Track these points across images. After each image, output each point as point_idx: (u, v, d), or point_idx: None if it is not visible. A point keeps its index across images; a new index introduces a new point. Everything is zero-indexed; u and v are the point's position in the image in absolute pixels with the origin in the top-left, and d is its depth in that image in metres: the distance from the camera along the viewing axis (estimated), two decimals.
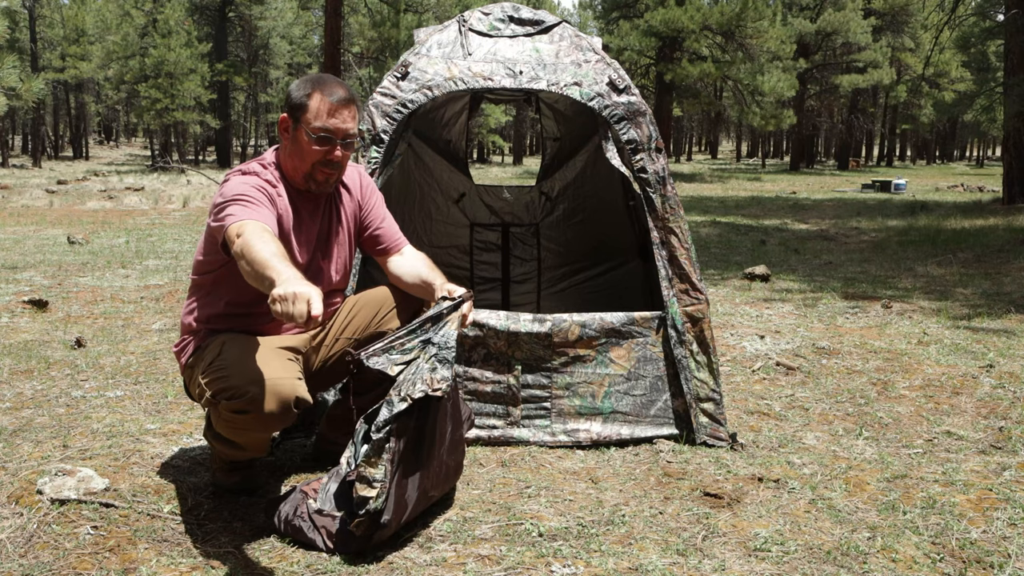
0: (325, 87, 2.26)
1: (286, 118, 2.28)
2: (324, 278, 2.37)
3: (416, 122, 3.10)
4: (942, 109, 25.30)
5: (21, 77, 9.25)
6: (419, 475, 2.12)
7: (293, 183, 2.32)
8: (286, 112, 2.28)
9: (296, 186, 2.32)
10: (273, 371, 2.07)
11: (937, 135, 55.75)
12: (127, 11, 35.05)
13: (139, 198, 16.77)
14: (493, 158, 50.24)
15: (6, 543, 2.08)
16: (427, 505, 2.25)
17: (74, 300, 5.55)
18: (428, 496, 2.22)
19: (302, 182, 2.30)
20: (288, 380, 2.07)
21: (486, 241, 4.61)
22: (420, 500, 2.16)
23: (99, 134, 61.08)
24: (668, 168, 2.99)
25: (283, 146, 2.32)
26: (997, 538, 2.24)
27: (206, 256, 2.25)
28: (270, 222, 2.08)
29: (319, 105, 2.23)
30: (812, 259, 8.61)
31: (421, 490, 2.15)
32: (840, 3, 34.66)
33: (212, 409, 2.16)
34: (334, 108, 2.24)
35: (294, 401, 2.06)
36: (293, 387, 2.07)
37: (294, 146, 2.27)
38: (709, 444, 2.90)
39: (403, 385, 2.07)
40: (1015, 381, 3.86)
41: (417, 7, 25.62)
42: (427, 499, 2.22)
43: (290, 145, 2.28)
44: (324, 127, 2.23)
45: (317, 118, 2.23)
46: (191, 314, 2.31)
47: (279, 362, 2.13)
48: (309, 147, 2.24)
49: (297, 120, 2.25)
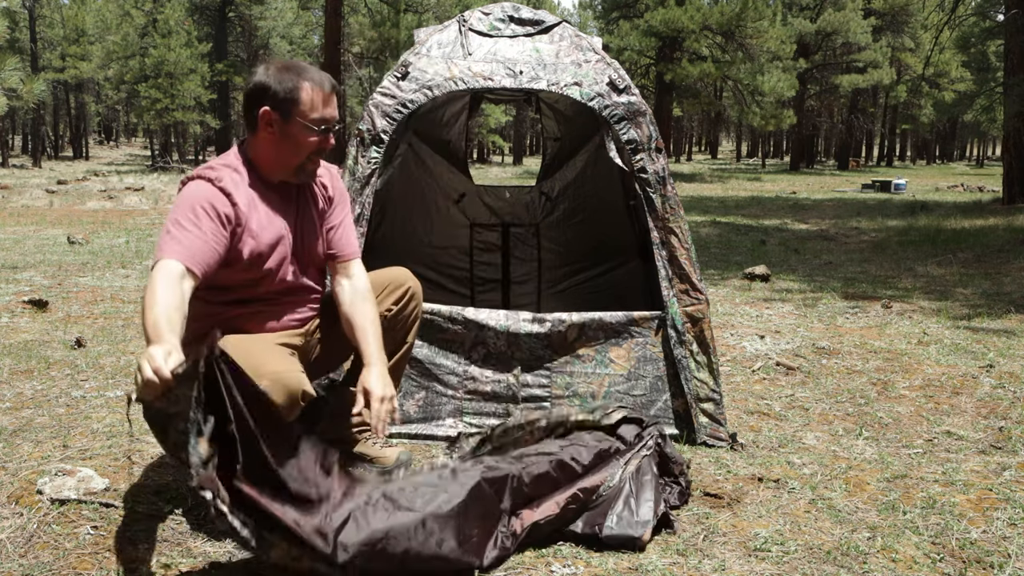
0: (309, 76, 2.20)
1: (270, 112, 2.17)
2: (303, 268, 2.33)
3: (416, 122, 3.10)
4: (942, 109, 25.33)
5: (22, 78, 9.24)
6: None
7: (267, 176, 2.25)
8: (268, 106, 2.17)
9: (270, 178, 2.25)
10: (277, 365, 2.06)
11: (937, 135, 55.76)
12: (127, 11, 35.05)
13: (139, 198, 16.76)
14: (493, 158, 50.23)
15: (6, 543, 2.08)
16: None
17: (74, 300, 5.55)
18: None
19: (290, 175, 2.25)
20: (293, 374, 2.07)
21: (486, 241, 4.61)
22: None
23: (99, 134, 61.07)
24: (668, 168, 2.99)
25: (261, 140, 2.22)
26: (997, 538, 2.24)
27: None
28: (197, 250, 2.01)
29: (313, 96, 2.18)
30: (812, 259, 8.61)
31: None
32: (840, 3, 34.66)
33: None
34: (327, 96, 2.21)
35: (301, 394, 2.06)
36: (299, 380, 2.06)
37: (284, 140, 2.20)
38: (709, 444, 2.90)
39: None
40: (1015, 381, 3.86)
41: (417, 7, 25.62)
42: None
43: (277, 139, 2.20)
44: (323, 117, 2.20)
45: (314, 109, 2.19)
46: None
47: (280, 356, 2.13)
48: (306, 139, 2.20)
49: (288, 113, 2.17)
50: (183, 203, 2.10)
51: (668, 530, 2.21)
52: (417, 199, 4.32)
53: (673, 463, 2.37)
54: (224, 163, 2.24)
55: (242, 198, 2.18)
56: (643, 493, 2.19)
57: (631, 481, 2.20)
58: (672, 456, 2.38)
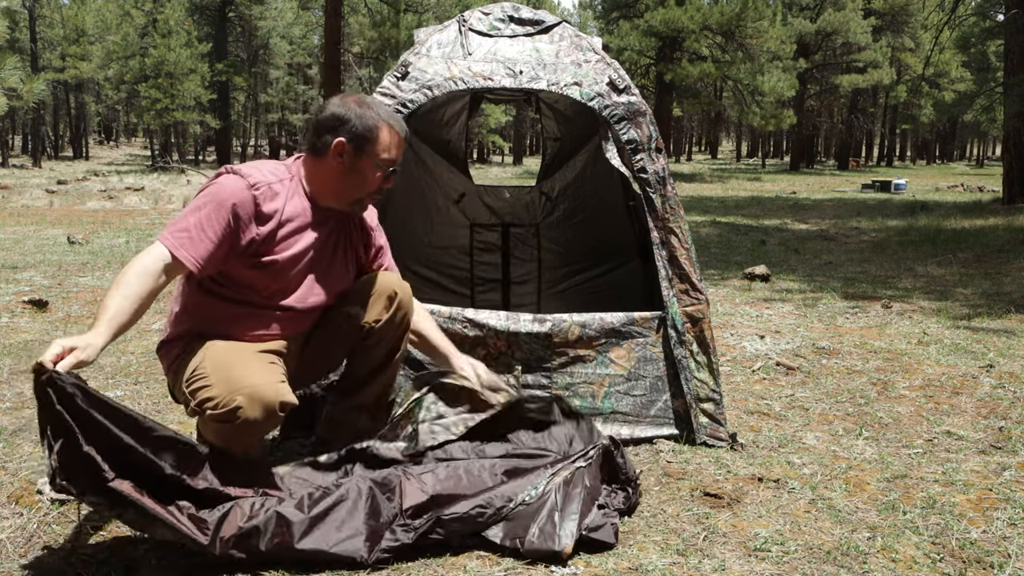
0: (391, 118, 2.27)
1: (344, 144, 2.22)
2: (322, 292, 2.35)
3: (416, 122, 3.09)
4: (942, 109, 25.34)
5: (22, 78, 9.24)
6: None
7: (315, 198, 2.30)
8: (344, 138, 2.22)
9: (318, 201, 2.30)
10: (256, 377, 2.06)
11: (937, 135, 55.79)
12: (127, 11, 35.05)
13: (139, 198, 16.77)
14: (493, 158, 50.23)
15: (6, 543, 2.08)
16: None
17: (74, 300, 5.55)
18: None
19: (344, 204, 2.31)
20: (271, 385, 2.06)
21: (486, 241, 4.61)
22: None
23: (99, 134, 61.08)
24: (668, 168, 2.99)
25: (326, 167, 2.27)
26: (997, 538, 2.24)
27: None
28: (199, 243, 2.09)
29: (390, 138, 2.25)
30: (812, 259, 8.61)
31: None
32: (840, 3, 34.68)
33: (199, 417, 2.15)
34: (400, 140, 2.29)
35: (279, 406, 2.06)
36: (277, 392, 2.06)
37: (351, 173, 2.25)
38: (709, 444, 2.90)
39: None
40: (1015, 381, 3.86)
41: (417, 7, 25.62)
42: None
43: (344, 170, 2.25)
44: (392, 159, 2.28)
45: (387, 151, 2.26)
46: (173, 317, 2.30)
47: (261, 367, 2.12)
48: (372, 176, 2.26)
49: (362, 149, 2.23)
50: (207, 193, 2.17)
51: (603, 541, 2.11)
52: (417, 199, 4.32)
53: (622, 472, 2.33)
54: (271, 170, 2.27)
55: (274, 205, 2.21)
56: (569, 505, 2.12)
57: (557, 493, 2.14)
58: (622, 466, 2.34)
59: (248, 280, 2.21)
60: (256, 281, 2.22)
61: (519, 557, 2.06)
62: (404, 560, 2.03)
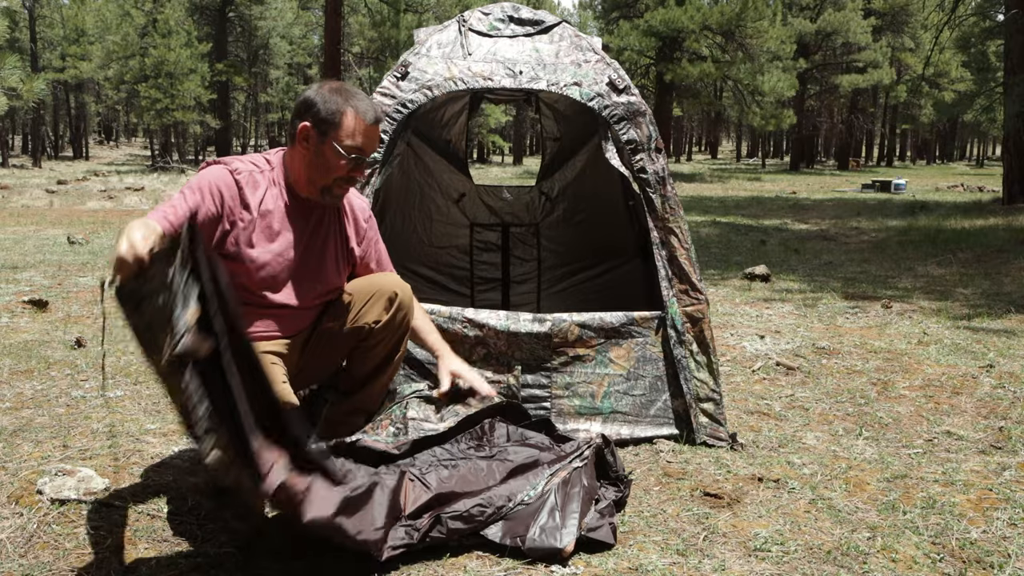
0: (358, 103, 2.23)
1: (309, 128, 2.21)
2: (313, 287, 2.35)
3: (416, 122, 3.10)
4: (942, 109, 25.31)
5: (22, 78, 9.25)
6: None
7: (295, 188, 2.30)
8: (309, 122, 2.21)
9: (298, 191, 2.30)
10: None
11: (937, 135, 55.80)
12: (127, 11, 35.03)
13: (139, 198, 16.77)
14: (493, 158, 50.24)
15: (6, 543, 2.08)
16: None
17: (74, 300, 5.55)
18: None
19: (315, 193, 2.28)
20: (274, 385, 2.06)
21: (486, 241, 4.61)
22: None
23: (99, 134, 61.09)
24: (668, 168, 2.99)
25: (297, 154, 2.26)
26: (997, 538, 2.24)
27: None
28: (172, 220, 2.04)
29: (354, 124, 2.21)
30: (812, 259, 8.61)
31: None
32: (840, 3, 34.71)
33: None
34: (369, 129, 2.24)
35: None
36: (277, 393, 2.06)
37: (316, 158, 2.23)
38: (709, 444, 2.90)
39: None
40: (1015, 381, 3.86)
41: (417, 7, 25.63)
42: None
43: (310, 156, 2.23)
44: (357, 146, 2.22)
45: (350, 137, 2.21)
46: None
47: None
48: (336, 162, 2.22)
49: (325, 134, 2.20)
50: (192, 181, 2.20)
51: (602, 541, 2.11)
52: (417, 199, 4.32)
53: (612, 469, 2.34)
54: (253, 160, 2.29)
55: (255, 195, 2.23)
56: (569, 505, 2.13)
57: (556, 493, 2.15)
58: (612, 464, 2.34)
59: (232, 272, 2.19)
60: (242, 275, 2.22)
61: (519, 557, 2.06)
62: (404, 560, 2.03)
